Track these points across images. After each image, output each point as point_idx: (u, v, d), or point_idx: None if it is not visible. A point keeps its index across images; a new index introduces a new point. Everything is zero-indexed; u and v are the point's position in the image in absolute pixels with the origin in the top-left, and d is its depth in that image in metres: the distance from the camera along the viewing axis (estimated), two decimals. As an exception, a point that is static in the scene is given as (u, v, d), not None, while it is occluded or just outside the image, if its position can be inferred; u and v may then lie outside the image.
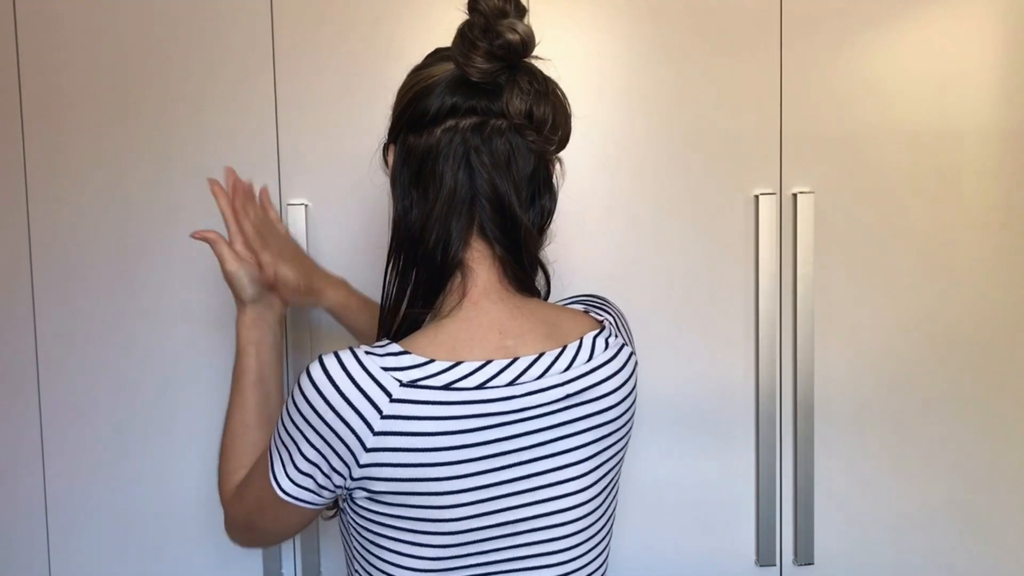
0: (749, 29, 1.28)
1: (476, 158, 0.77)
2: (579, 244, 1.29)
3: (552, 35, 1.26)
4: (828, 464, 1.32)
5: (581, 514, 0.81)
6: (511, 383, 0.76)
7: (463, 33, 0.77)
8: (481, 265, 0.79)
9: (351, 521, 0.79)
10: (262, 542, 0.89)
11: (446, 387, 0.73)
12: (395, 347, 0.75)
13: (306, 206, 1.25)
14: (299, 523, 0.81)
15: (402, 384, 0.72)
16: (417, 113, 0.79)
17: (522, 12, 0.78)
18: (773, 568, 1.33)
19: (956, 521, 1.35)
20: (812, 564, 1.32)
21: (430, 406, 0.72)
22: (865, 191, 1.30)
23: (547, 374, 0.77)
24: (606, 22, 1.27)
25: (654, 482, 1.31)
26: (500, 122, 0.77)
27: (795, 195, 1.28)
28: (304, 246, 1.24)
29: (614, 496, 0.88)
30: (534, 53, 0.79)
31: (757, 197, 1.28)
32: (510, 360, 0.76)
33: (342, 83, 1.25)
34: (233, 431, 0.92)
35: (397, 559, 0.76)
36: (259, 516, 0.81)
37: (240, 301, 0.96)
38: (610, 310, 0.89)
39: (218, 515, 1.31)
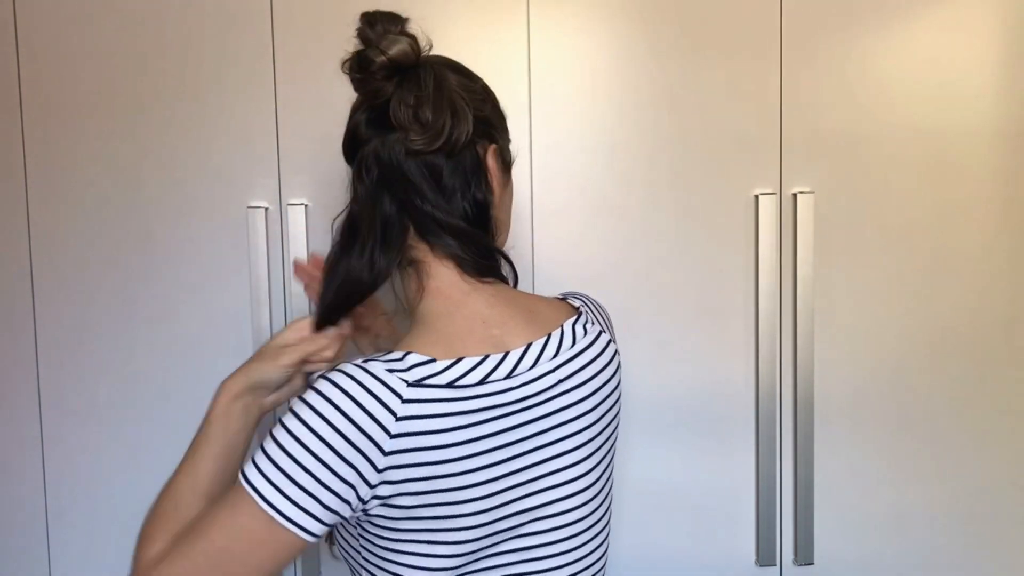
0: (749, 29, 1.28)
1: (382, 175, 0.81)
2: (579, 244, 1.29)
3: (551, 35, 1.27)
4: (828, 464, 1.32)
5: (585, 499, 0.83)
6: (508, 376, 0.77)
7: (344, 71, 0.82)
8: (431, 261, 0.82)
9: (361, 535, 0.78)
10: None
11: (450, 385, 0.74)
12: (397, 352, 0.76)
13: (306, 206, 1.25)
14: (276, 567, 0.73)
15: (409, 384, 0.73)
16: (347, 145, 0.86)
17: (398, 22, 0.82)
18: (773, 568, 1.33)
19: (956, 521, 1.35)
20: (812, 564, 1.32)
21: (437, 404, 0.73)
22: (865, 191, 1.30)
23: (538, 363, 0.79)
24: (605, 22, 1.27)
25: (654, 482, 1.31)
26: (394, 135, 0.80)
27: (795, 195, 1.28)
28: (304, 246, 1.25)
29: (611, 486, 0.90)
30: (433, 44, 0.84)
31: (757, 197, 1.28)
32: (504, 353, 0.78)
33: (342, 83, 1.25)
34: (178, 497, 0.82)
35: (417, 560, 0.76)
36: (222, 569, 0.71)
37: (259, 378, 0.87)
38: (587, 301, 0.92)
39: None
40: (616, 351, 0.89)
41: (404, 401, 0.72)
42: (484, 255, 0.82)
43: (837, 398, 1.32)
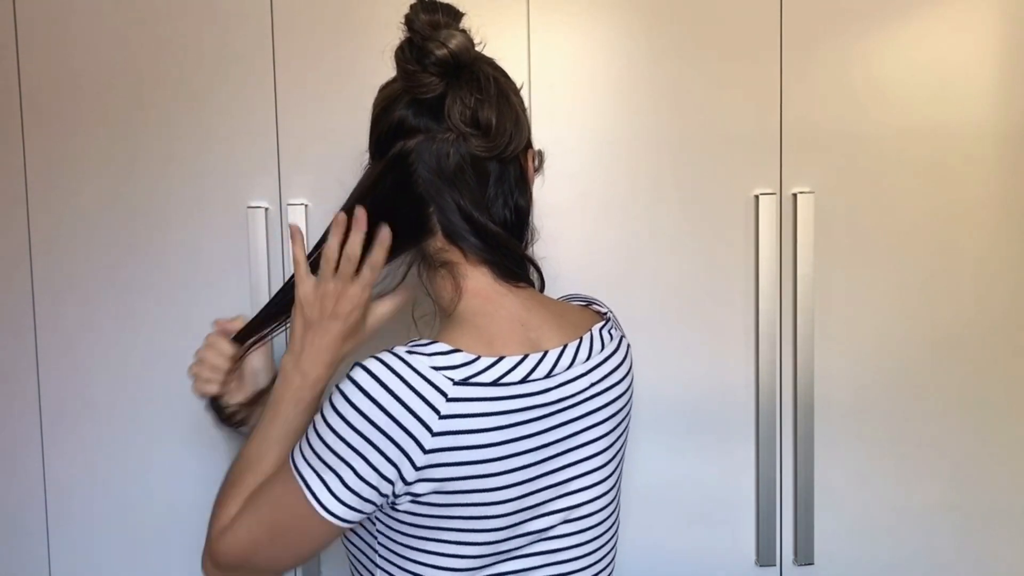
0: (749, 29, 1.28)
1: (427, 175, 0.77)
2: (579, 245, 1.29)
3: (552, 35, 1.26)
4: (828, 464, 1.32)
5: (607, 502, 0.84)
6: (547, 375, 0.77)
7: (396, 59, 0.78)
8: (465, 264, 0.80)
9: (380, 532, 0.78)
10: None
11: (495, 383, 0.74)
12: (442, 345, 0.74)
13: (306, 206, 1.25)
14: (315, 550, 0.76)
15: (455, 383, 0.72)
16: (378, 135, 0.81)
17: (457, 17, 0.79)
18: (773, 568, 1.33)
19: (955, 521, 1.35)
20: (812, 564, 1.32)
21: (483, 403, 0.73)
22: (865, 191, 1.30)
23: (574, 364, 0.80)
24: (606, 22, 1.27)
25: (654, 482, 1.31)
26: (447, 135, 0.77)
27: (795, 195, 1.28)
28: (305, 246, 1.25)
29: (620, 486, 0.91)
30: (487, 52, 0.81)
31: (757, 197, 1.28)
32: (543, 353, 0.78)
33: (342, 84, 1.25)
34: (251, 460, 0.80)
35: (437, 560, 0.76)
36: (268, 546, 0.75)
37: (357, 330, 0.83)
38: (604, 304, 0.94)
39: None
40: (630, 350, 0.91)
41: (449, 400, 0.71)
42: (517, 263, 0.81)
43: (837, 398, 1.32)
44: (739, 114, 1.28)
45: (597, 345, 0.83)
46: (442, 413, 0.71)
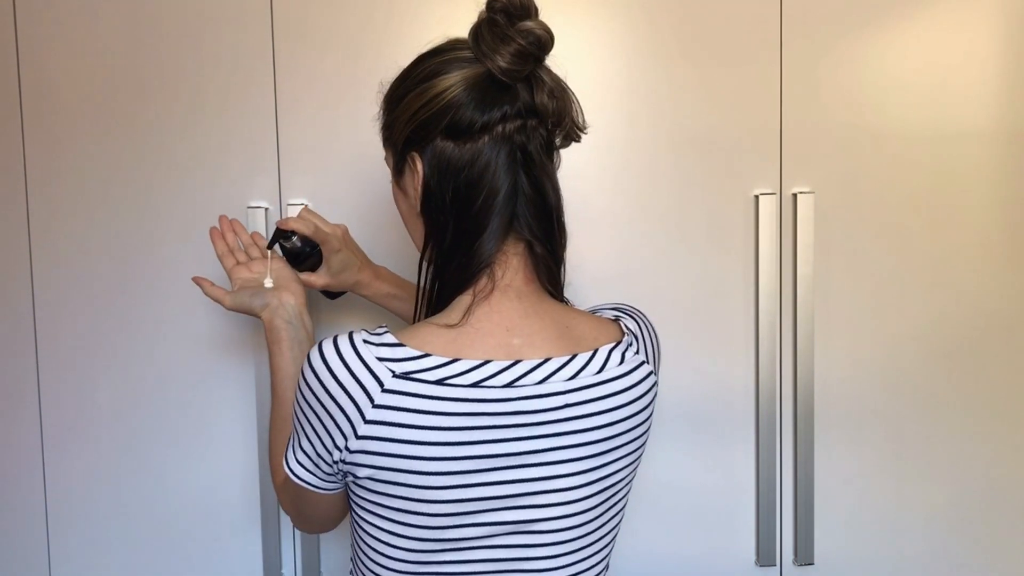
0: (749, 29, 1.28)
1: (522, 162, 0.77)
2: (579, 245, 1.28)
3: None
4: (828, 464, 1.32)
5: (576, 523, 0.79)
6: (509, 385, 0.74)
7: (493, 30, 0.75)
8: (508, 263, 0.78)
9: (352, 500, 0.81)
10: (311, 526, 0.91)
11: (439, 382, 0.72)
12: (391, 338, 0.75)
13: (306, 206, 1.25)
14: (328, 509, 0.85)
15: (395, 375, 0.72)
16: (451, 123, 0.75)
17: (537, 11, 0.79)
18: (773, 568, 1.33)
19: (955, 521, 1.35)
20: (812, 564, 1.32)
21: (421, 399, 0.72)
22: (865, 191, 1.30)
23: (549, 380, 0.75)
24: (606, 22, 1.27)
25: (654, 482, 1.31)
26: (533, 121, 0.77)
27: (795, 195, 1.28)
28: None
29: (617, 511, 0.85)
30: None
31: (757, 197, 1.28)
32: (511, 361, 0.75)
33: (342, 83, 1.25)
34: (274, 425, 0.96)
35: (384, 536, 0.78)
36: (297, 499, 0.85)
37: (257, 316, 1.03)
38: (642, 323, 0.86)
39: (219, 516, 1.31)
40: (655, 383, 0.84)
41: (384, 391, 0.72)
42: (558, 262, 0.81)
43: (837, 398, 1.32)
44: (739, 114, 1.28)
45: (594, 366, 0.77)
46: (376, 402, 0.72)
